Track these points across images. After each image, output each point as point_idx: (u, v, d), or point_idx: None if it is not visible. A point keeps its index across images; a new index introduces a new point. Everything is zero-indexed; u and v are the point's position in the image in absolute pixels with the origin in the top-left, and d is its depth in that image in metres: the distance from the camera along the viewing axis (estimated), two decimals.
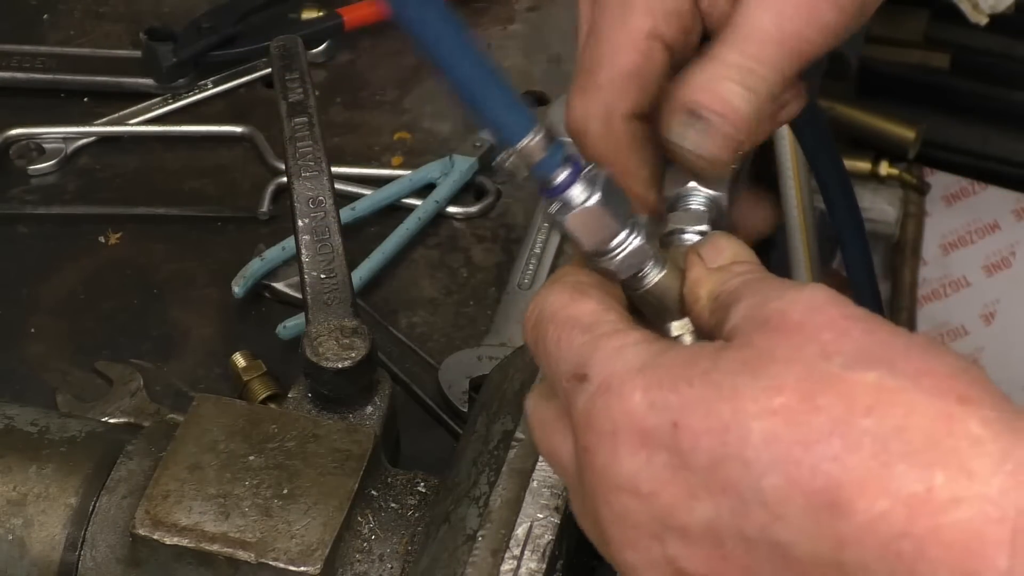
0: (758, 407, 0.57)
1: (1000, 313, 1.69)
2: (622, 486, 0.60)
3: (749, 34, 0.70)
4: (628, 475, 0.60)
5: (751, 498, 0.57)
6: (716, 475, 0.58)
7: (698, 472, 0.58)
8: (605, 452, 0.60)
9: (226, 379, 1.05)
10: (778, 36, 0.70)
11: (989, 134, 1.63)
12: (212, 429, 0.83)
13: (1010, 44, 1.58)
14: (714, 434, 0.58)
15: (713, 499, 0.58)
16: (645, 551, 0.60)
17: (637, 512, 0.60)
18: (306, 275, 0.93)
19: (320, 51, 1.30)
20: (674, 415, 0.59)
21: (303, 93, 1.00)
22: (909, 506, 0.54)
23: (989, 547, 0.52)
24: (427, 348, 1.08)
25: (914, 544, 0.53)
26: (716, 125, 0.68)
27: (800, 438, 0.56)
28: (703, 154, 0.69)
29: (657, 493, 0.59)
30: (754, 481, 0.57)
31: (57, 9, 1.35)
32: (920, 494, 0.54)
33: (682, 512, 0.59)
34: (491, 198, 1.19)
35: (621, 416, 0.60)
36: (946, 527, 0.53)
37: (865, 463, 0.55)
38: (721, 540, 0.58)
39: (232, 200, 1.19)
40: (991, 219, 1.71)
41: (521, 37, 1.33)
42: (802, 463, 0.56)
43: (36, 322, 1.10)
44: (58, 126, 1.23)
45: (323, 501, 0.80)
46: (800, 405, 0.57)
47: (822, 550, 0.55)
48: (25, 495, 0.83)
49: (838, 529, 0.55)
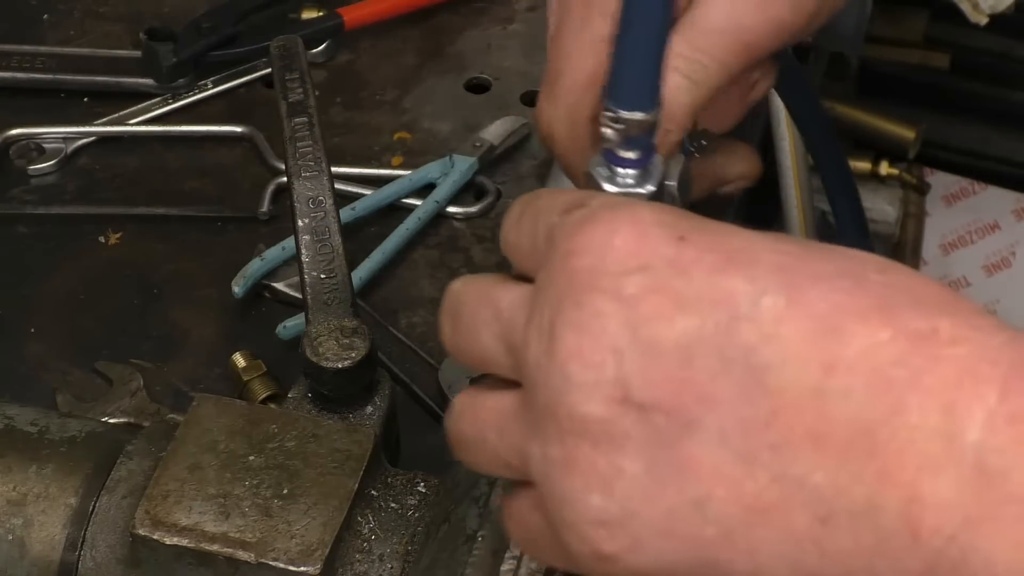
0: (770, 245, 0.57)
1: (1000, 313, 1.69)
2: (604, 288, 0.57)
3: (699, 25, 0.70)
4: (615, 275, 0.57)
5: (745, 313, 0.55)
6: (714, 286, 0.56)
7: (694, 282, 0.56)
8: (596, 253, 0.58)
9: (226, 379, 1.05)
10: (728, 28, 0.70)
11: (989, 134, 1.64)
12: (212, 429, 0.83)
13: (1010, 44, 1.58)
14: (721, 252, 0.56)
15: (702, 312, 0.56)
16: (597, 366, 0.57)
17: (609, 317, 0.57)
18: (306, 275, 0.93)
19: (320, 51, 1.30)
20: (682, 232, 0.57)
21: (303, 93, 1.00)
22: (911, 340, 0.53)
23: (981, 384, 0.52)
24: (427, 348, 1.08)
25: (908, 372, 0.53)
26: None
27: (811, 272, 0.55)
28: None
29: (640, 299, 0.57)
30: (755, 296, 0.55)
31: (57, 9, 1.35)
32: (924, 331, 0.53)
33: (661, 323, 0.56)
34: (491, 198, 1.18)
35: (625, 223, 0.58)
36: (944, 359, 0.53)
37: (873, 301, 0.54)
38: (691, 358, 0.55)
39: (232, 200, 1.19)
40: (991, 219, 1.71)
41: (521, 37, 1.33)
42: (808, 290, 0.55)
43: (36, 322, 1.10)
44: (58, 126, 1.23)
45: (323, 501, 0.80)
46: (811, 252, 0.56)
47: (807, 375, 0.54)
48: (25, 495, 0.83)
49: (831, 352, 0.54)
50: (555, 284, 0.59)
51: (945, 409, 0.52)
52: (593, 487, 0.57)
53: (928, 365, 0.53)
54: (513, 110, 1.25)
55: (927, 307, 0.55)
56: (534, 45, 1.32)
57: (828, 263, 0.56)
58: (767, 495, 0.55)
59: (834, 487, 0.54)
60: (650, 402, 0.56)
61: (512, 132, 1.22)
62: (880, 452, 0.53)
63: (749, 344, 0.55)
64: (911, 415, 0.53)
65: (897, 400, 0.53)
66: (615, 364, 0.57)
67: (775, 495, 0.54)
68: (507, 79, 1.29)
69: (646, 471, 0.56)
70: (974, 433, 0.52)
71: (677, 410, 0.56)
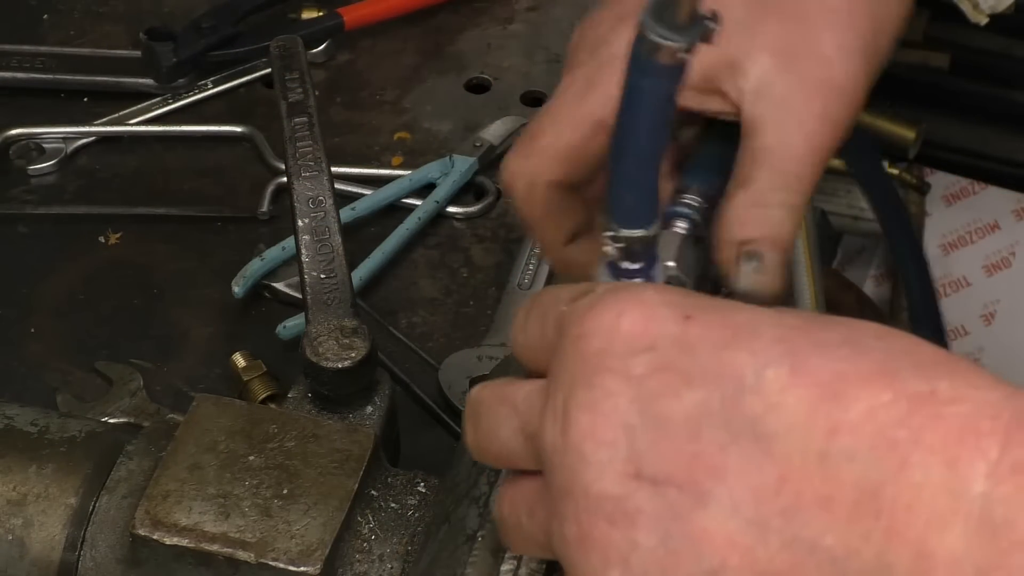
0: (772, 319, 0.58)
1: (1000, 313, 1.69)
2: (613, 368, 0.58)
3: (779, 154, 0.73)
4: (623, 356, 0.58)
5: (750, 385, 0.56)
6: (719, 361, 0.57)
7: (700, 358, 0.57)
8: (604, 335, 0.59)
9: (226, 379, 1.05)
10: (806, 152, 0.73)
11: (989, 134, 1.63)
12: (212, 429, 0.83)
13: (1010, 44, 1.58)
14: (725, 327, 0.58)
15: (708, 386, 0.57)
16: (610, 444, 0.58)
17: (619, 395, 0.58)
18: (306, 275, 0.93)
19: (320, 51, 1.30)
20: (687, 310, 0.59)
21: (303, 93, 1.00)
22: (911, 401, 0.54)
23: (983, 438, 0.53)
24: (427, 348, 1.08)
25: (910, 432, 0.54)
26: (770, 259, 0.71)
27: (812, 342, 0.57)
28: (764, 291, 0.71)
29: (649, 377, 0.58)
30: (759, 368, 0.56)
31: (57, 9, 1.35)
32: (923, 392, 0.54)
33: (669, 398, 0.57)
34: (491, 198, 1.19)
35: (632, 305, 0.59)
36: (945, 416, 0.54)
37: (873, 366, 0.55)
38: (699, 431, 0.57)
39: (232, 200, 1.19)
40: (991, 219, 1.71)
41: (521, 37, 1.33)
42: (810, 359, 0.56)
43: (36, 322, 1.10)
44: (58, 126, 1.23)
45: (323, 501, 0.80)
46: (814, 324, 0.58)
47: (812, 440, 0.55)
48: (25, 495, 0.83)
49: (834, 417, 0.55)
50: (567, 368, 0.60)
51: (949, 464, 0.53)
52: (611, 563, 0.58)
53: (929, 423, 0.54)
54: (513, 110, 1.26)
55: (926, 369, 0.56)
56: (534, 45, 1.32)
57: (828, 332, 0.58)
58: (780, 560, 0.55)
59: (844, 548, 0.54)
60: (662, 476, 0.57)
61: (512, 132, 1.22)
62: (887, 510, 0.54)
63: (755, 414, 0.56)
64: (915, 472, 0.54)
65: (901, 459, 0.54)
66: (627, 441, 0.58)
67: (787, 560, 0.55)
68: (507, 79, 1.29)
69: (661, 543, 0.57)
70: (979, 485, 0.53)
71: (689, 483, 0.57)
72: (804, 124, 0.73)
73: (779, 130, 0.73)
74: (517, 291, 1.10)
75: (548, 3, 1.36)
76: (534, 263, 1.12)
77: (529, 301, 0.66)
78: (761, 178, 0.72)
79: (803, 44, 0.74)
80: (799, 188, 0.73)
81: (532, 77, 1.29)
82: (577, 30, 0.80)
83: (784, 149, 0.73)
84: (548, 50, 1.32)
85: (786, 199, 0.72)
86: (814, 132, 0.73)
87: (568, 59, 0.79)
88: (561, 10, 1.35)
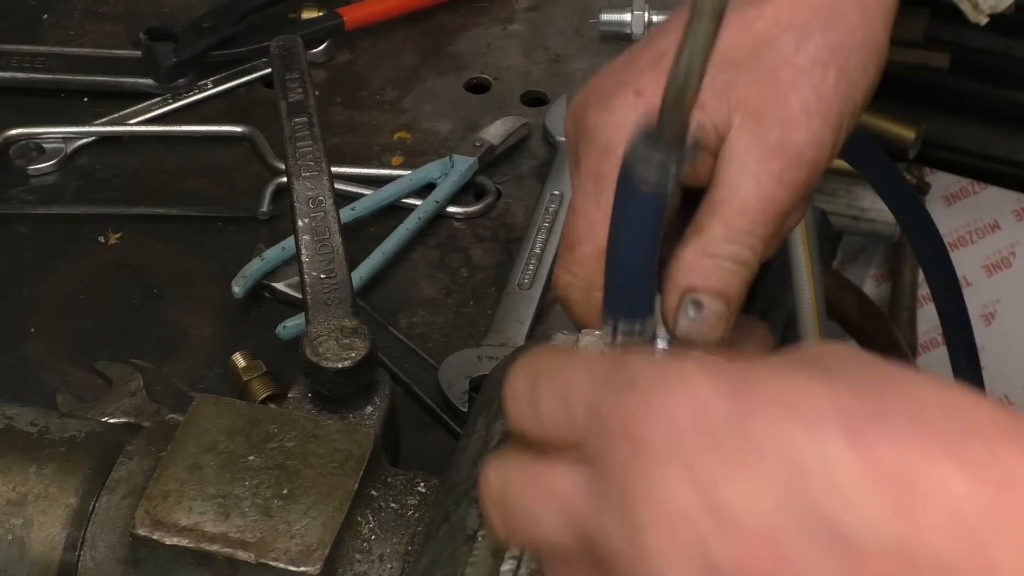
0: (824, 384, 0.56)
1: (1000, 313, 1.69)
2: (665, 452, 0.56)
3: (731, 207, 0.75)
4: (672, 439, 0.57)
5: (810, 465, 0.54)
6: (773, 439, 0.55)
7: (754, 437, 0.56)
8: (651, 419, 0.57)
9: (226, 379, 1.05)
10: (759, 206, 0.75)
11: (989, 134, 1.63)
12: (212, 429, 0.83)
13: (1010, 44, 1.58)
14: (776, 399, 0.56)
15: (766, 468, 0.55)
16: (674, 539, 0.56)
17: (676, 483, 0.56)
18: (306, 275, 0.93)
19: (320, 51, 1.30)
20: (734, 384, 0.57)
21: (303, 93, 1.00)
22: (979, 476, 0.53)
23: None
24: (427, 348, 1.08)
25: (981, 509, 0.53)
26: (710, 309, 0.73)
27: (869, 413, 0.55)
28: (701, 339, 0.73)
29: (703, 462, 0.56)
30: (817, 447, 0.55)
31: (57, 9, 1.35)
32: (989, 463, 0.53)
33: (727, 483, 0.56)
34: (491, 198, 1.19)
35: (676, 383, 0.57)
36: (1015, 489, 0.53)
37: (935, 438, 0.54)
38: (764, 523, 0.55)
39: (232, 200, 1.19)
40: (991, 219, 1.71)
41: (521, 37, 1.33)
42: (869, 434, 0.54)
43: (36, 322, 1.10)
44: (58, 126, 1.23)
45: (323, 501, 0.80)
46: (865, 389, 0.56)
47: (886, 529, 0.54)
48: (25, 495, 0.83)
49: (906, 504, 0.53)
50: (614, 455, 0.58)
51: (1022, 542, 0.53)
52: None
53: (1000, 496, 0.53)
54: (513, 110, 1.26)
55: (991, 438, 0.54)
56: (534, 45, 1.32)
57: (884, 399, 0.56)
58: None
59: None
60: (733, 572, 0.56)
61: (512, 132, 1.22)
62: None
63: (819, 500, 0.55)
64: (992, 551, 0.53)
65: (974, 539, 0.53)
66: (692, 534, 0.56)
67: None
68: (507, 79, 1.29)
69: None
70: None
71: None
72: (760, 182, 0.75)
73: (735, 185, 0.75)
74: (517, 291, 1.10)
75: (548, 3, 1.36)
76: (534, 263, 1.12)
77: (525, 370, 0.63)
78: (713, 227, 0.74)
79: (771, 105, 0.76)
80: (749, 243, 0.74)
81: (532, 77, 1.29)
82: (568, 116, 0.81)
83: (737, 203, 0.75)
84: (548, 50, 1.32)
85: (736, 252, 0.74)
86: (768, 191, 0.75)
87: (569, 152, 0.81)
88: (561, 10, 1.35)
